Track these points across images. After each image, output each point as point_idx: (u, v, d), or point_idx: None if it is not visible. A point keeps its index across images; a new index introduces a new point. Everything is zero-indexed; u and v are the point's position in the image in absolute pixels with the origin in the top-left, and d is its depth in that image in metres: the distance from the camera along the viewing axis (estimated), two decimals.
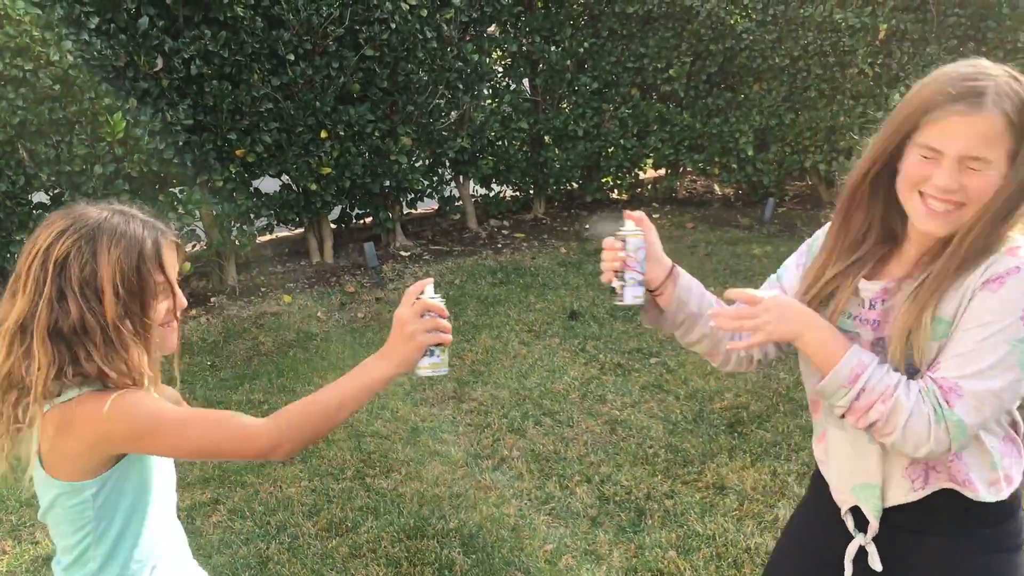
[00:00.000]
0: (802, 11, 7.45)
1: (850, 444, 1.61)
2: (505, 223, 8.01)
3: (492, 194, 8.12)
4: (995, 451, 1.51)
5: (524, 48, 7.56)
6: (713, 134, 8.01)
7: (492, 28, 7.39)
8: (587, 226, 1.74)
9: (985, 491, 1.52)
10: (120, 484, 1.49)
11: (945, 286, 1.43)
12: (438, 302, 1.53)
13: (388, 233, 7.20)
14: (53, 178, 5.28)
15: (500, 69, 7.78)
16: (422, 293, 1.54)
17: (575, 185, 8.38)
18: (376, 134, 6.55)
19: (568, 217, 8.22)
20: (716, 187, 9.02)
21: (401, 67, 6.53)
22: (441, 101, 6.96)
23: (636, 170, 8.58)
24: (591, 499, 3.44)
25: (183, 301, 1.59)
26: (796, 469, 3.60)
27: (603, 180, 8.38)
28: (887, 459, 1.55)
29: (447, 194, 7.59)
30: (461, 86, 7.05)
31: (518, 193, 8.25)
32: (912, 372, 1.46)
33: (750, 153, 7.99)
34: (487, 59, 7.27)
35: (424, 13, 6.44)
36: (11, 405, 1.45)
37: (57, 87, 5.04)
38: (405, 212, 7.55)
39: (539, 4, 7.78)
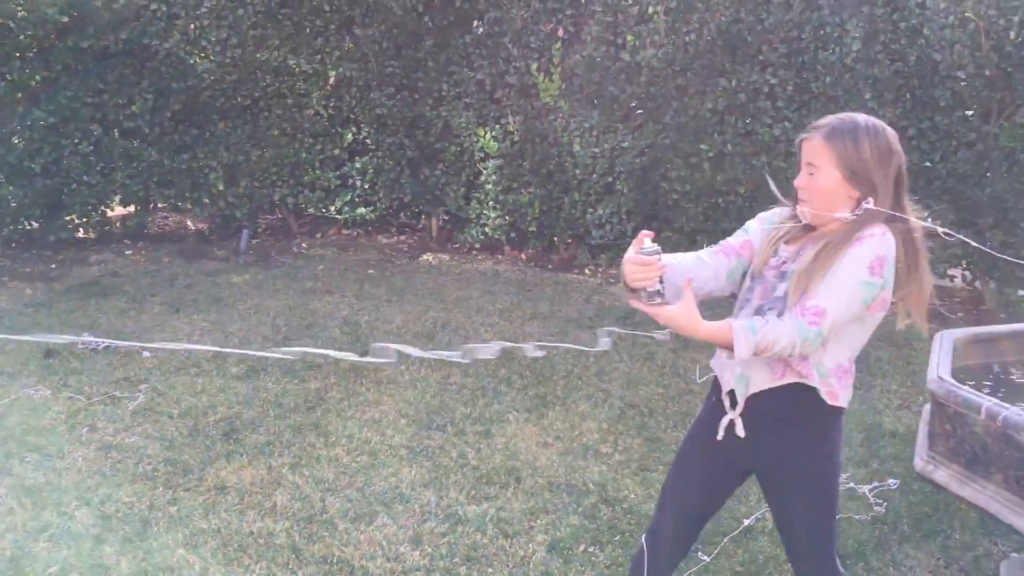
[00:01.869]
0: (258, 55, 7.99)
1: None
2: None
3: None
4: (827, 368, 2.19)
5: None
6: (183, 170, 8.17)
7: None
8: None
9: (820, 385, 2.18)
10: None
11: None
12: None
13: None
14: None
15: None
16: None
17: (36, 224, 7.90)
18: None
19: (30, 257, 7.71)
20: (189, 222, 9.15)
21: None
22: None
23: (103, 207, 8.35)
24: (92, 520, 3.48)
25: None
26: (289, 461, 4.02)
27: (68, 218, 8.02)
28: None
29: None
30: None
31: None
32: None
33: (221, 188, 8.30)
34: None
35: None
36: None
37: None
38: None
39: None
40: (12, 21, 7.33)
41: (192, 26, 7.92)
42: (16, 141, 7.49)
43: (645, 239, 2.13)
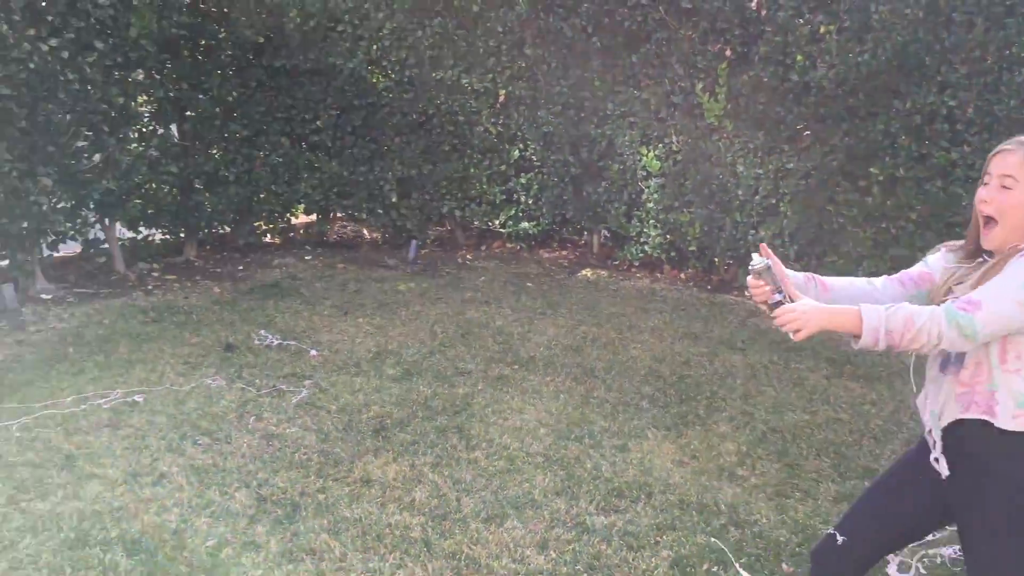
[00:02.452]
0: (434, 75, 8.37)
1: (931, 384, 2.25)
2: (155, 266, 8.02)
3: (140, 237, 8.08)
4: (1021, 393, 2.08)
5: (171, 94, 7.71)
6: (360, 182, 8.66)
7: (139, 73, 7.46)
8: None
9: (1009, 422, 2.08)
10: None
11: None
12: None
13: (27, 276, 6.94)
14: None
15: (146, 113, 7.84)
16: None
17: (228, 228, 8.59)
18: (14, 174, 6.37)
19: (221, 259, 8.40)
20: (365, 231, 9.67)
21: (41, 107, 6.43)
22: (85, 143, 6.91)
23: (287, 215, 8.97)
24: (249, 500, 3.78)
25: None
26: (431, 461, 4.21)
27: (256, 224, 8.68)
28: (945, 391, 2.18)
29: (92, 236, 7.47)
30: (106, 128, 7.05)
31: (168, 236, 8.29)
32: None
33: (394, 200, 8.73)
34: (132, 103, 7.33)
35: (65, 55, 6.42)
36: None
37: None
38: (45, 254, 7.31)
39: (186, 53, 7.98)
40: (215, 42, 8.04)
41: (375, 47, 8.41)
42: (214, 151, 8.18)
43: (753, 255, 2.15)
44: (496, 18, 8.35)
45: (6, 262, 6.93)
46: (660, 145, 8.06)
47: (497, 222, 9.10)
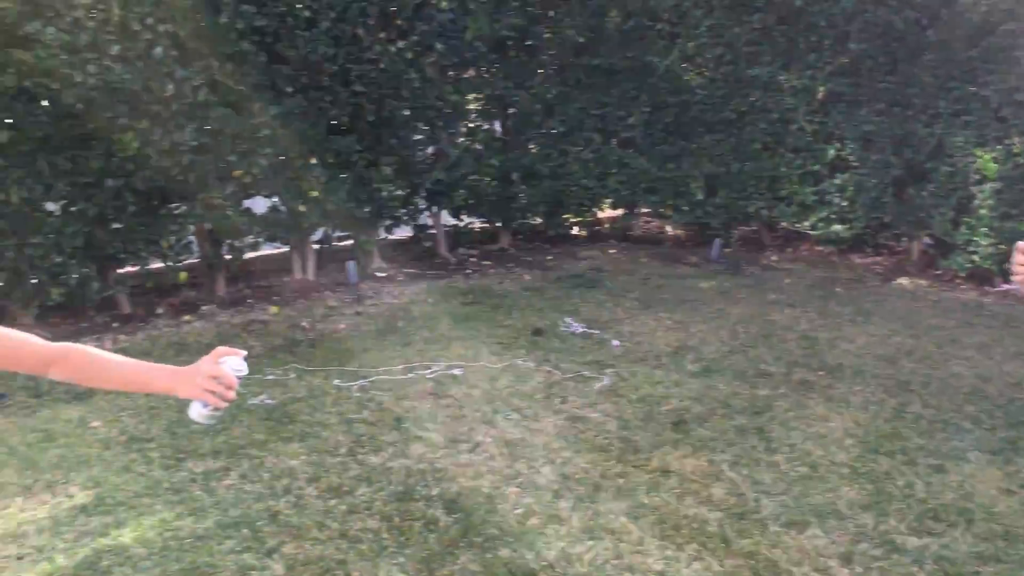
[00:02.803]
0: (749, 71, 8.23)
1: None
2: (473, 252, 8.61)
3: (462, 225, 8.71)
4: None
5: (497, 92, 8.22)
6: (667, 178, 8.73)
7: (470, 72, 8.05)
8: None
9: None
10: None
11: None
12: (239, 373, 1.75)
13: (366, 255, 7.75)
14: (67, 188, 5.77)
15: (475, 110, 8.42)
16: (227, 357, 1.75)
17: (540, 220, 9.03)
18: (361, 163, 7.14)
19: (532, 249, 8.85)
20: (668, 227, 9.73)
21: (387, 103, 7.14)
22: (421, 136, 7.59)
23: (595, 209, 9.25)
24: (554, 476, 4.00)
25: None
26: (729, 459, 4.21)
27: (565, 217, 9.04)
28: None
29: (421, 222, 8.17)
30: (440, 123, 7.69)
31: (486, 225, 8.87)
32: None
33: (700, 197, 8.72)
34: (463, 100, 7.92)
35: (410, 56, 7.08)
36: None
37: (79, 106, 5.56)
38: (382, 237, 8.11)
39: (512, 53, 8.48)
40: (538, 42, 8.46)
41: (691, 44, 8.43)
42: (531, 147, 8.63)
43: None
44: (820, 12, 8.05)
45: (350, 242, 7.77)
46: (999, 147, 7.37)
47: (807, 224, 8.79)
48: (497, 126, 8.59)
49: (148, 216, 6.20)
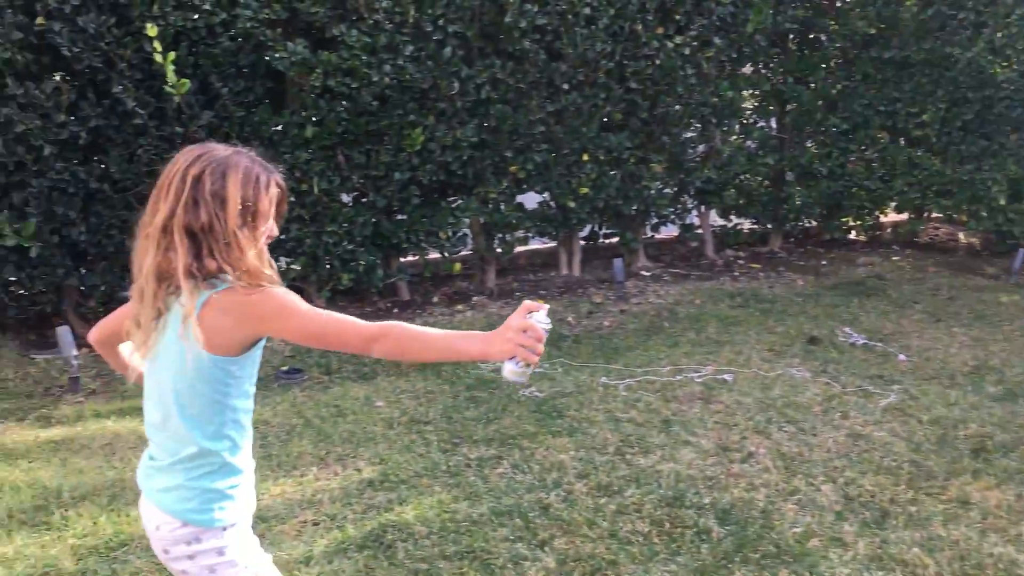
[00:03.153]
0: None
1: None
2: (741, 254, 8.31)
3: (730, 225, 8.43)
4: None
5: (775, 87, 7.87)
6: (964, 181, 7.97)
7: (747, 67, 7.76)
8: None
9: None
10: (250, 367, 1.90)
11: None
12: (544, 327, 1.75)
13: (631, 253, 7.70)
14: (360, 181, 6.16)
15: (750, 106, 8.12)
16: (534, 312, 1.75)
17: (814, 223, 8.56)
18: (632, 160, 7.09)
19: (804, 253, 8.41)
20: (961, 235, 8.90)
21: (661, 100, 7.04)
22: (693, 134, 7.41)
23: (877, 212, 8.63)
24: (836, 496, 3.72)
25: (275, 231, 1.91)
26: None
27: (843, 220, 8.51)
28: None
29: (688, 222, 7.99)
30: (713, 120, 7.48)
31: (756, 226, 8.53)
32: None
33: (1002, 203, 7.89)
34: (739, 96, 7.64)
35: (687, 51, 6.92)
36: (161, 296, 1.83)
37: (375, 104, 5.91)
38: (648, 235, 8.02)
39: (793, 47, 8.08)
40: (823, 35, 8.01)
41: (999, 34, 7.64)
42: (809, 145, 8.18)
43: None
44: None
45: (615, 239, 7.75)
46: None
47: None
48: (773, 123, 8.23)
49: (429, 208, 6.49)
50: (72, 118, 5.30)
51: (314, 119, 5.83)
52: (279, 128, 5.84)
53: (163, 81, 5.31)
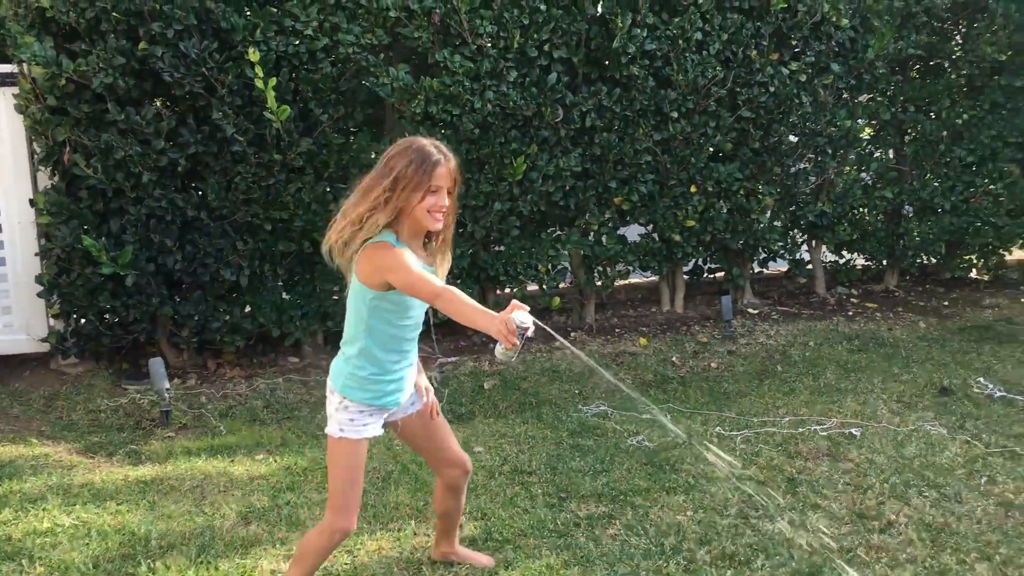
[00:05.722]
0: None
1: None
2: (854, 292, 7.83)
3: (843, 261, 7.96)
4: None
5: (895, 116, 7.40)
6: None
7: (864, 96, 7.32)
8: None
9: None
10: (381, 301, 2.65)
11: None
12: (522, 325, 2.36)
13: (737, 289, 7.30)
14: (459, 211, 5.93)
15: (867, 137, 7.66)
16: (518, 310, 2.38)
17: (933, 260, 8.02)
18: (741, 192, 6.72)
19: (923, 292, 7.87)
20: None
21: (774, 129, 6.66)
22: (808, 165, 7.01)
23: (1003, 250, 8.04)
24: (988, 574, 3.30)
25: (444, 201, 2.65)
26: None
27: (966, 258, 7.94)
28: None
29: (798, 257, 7.55)
30: (829, 151, 7.06)
31: (870, 263, 8.03)
32: None
33: None
34: (857, 126, 7.21)
35: (803, 78, 6.55)
36: (354, 242, 2.64)
37: (476, 131, 5.70)
38: (756, 271, 7.61)
39: (915, 74, 7.61)
40: (947, 61, 7.52)
41: None
42: (929, 178, 7.67)
43: None
44: None
45: (720, 274, 7.37)
46: None
47: None
48: (891, 154, 7.75)
49: (529, 240, 6.24)
50: (171, 144, 5.22)
51: None
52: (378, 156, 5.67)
53: (263, 107, 5.20)
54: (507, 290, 6.57)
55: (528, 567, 3.31)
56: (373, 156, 5.63)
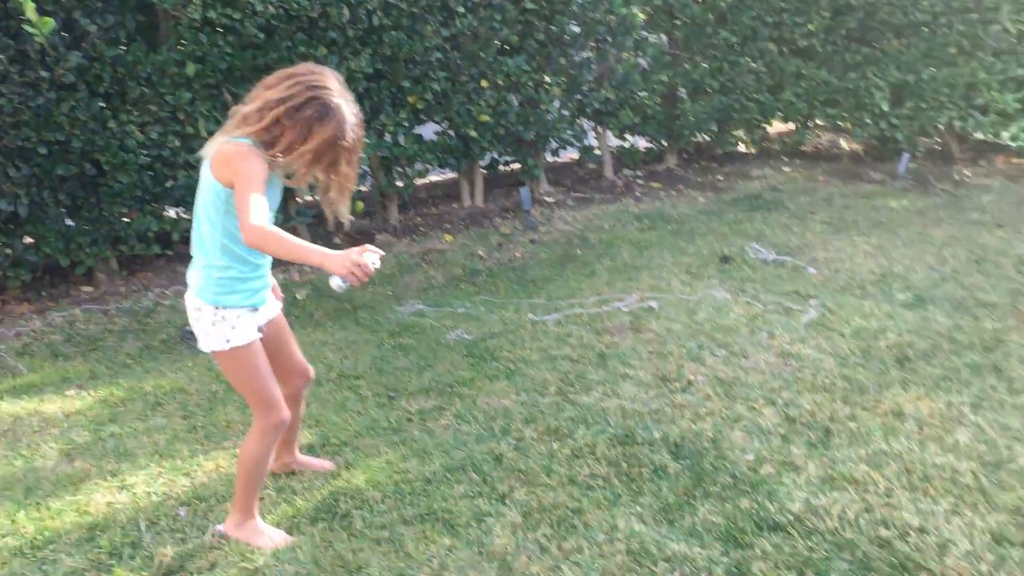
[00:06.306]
0: None
1: None
2: (639, 173, 8.30)
3: (627, 145, 8.39)
4: None
5: (666, 2, 7.76)
6: (848, 89, 8.14)
7: None
8: None
9: None
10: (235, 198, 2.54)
11: None
12: (374, 266, 2.42)
13: (533, 180, 7.56)
14: None
15: (643, 22, 7.99)
16: (369, 253, 2.42)
17: (707, 137, 8.60)
18: (530, 84, 6.89)
19: (700, 169, 8.47)
20: (843, 142, 9.14)
21: (556, 20, 6.83)
22: (590, 54, 7.26)
23: (766, 124, 8.74)
24: (778, 419, 3.76)
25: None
26: (969, 400, 3.87)
27: (734, 133, 8.58)
28: None
29: (586, 144, 7.89)
30: (609, 39, 7.33)
31: (652, 145, 8.51)
32: None
33: (885, 108, 8.10)
34: (632, 13, 7.51)
35: None
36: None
37: (260, 36, 5.50)
38: (549, 160, 7.89)
39: None
40: None
41: None
42: (699, 59, 8.16)
43: None
44: None
45: (517, 166, 7.59)
46: None
47: (1006, 134, 8.06)
48: (664, 39, 8.15)
49: None
50: None
51: (195, 55, 5.38)
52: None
53: (21, 19, 4.77)
54: (307, 198, 6.48)
55: (368, 465, 3.45)
56: (150, 70, 5.33)
